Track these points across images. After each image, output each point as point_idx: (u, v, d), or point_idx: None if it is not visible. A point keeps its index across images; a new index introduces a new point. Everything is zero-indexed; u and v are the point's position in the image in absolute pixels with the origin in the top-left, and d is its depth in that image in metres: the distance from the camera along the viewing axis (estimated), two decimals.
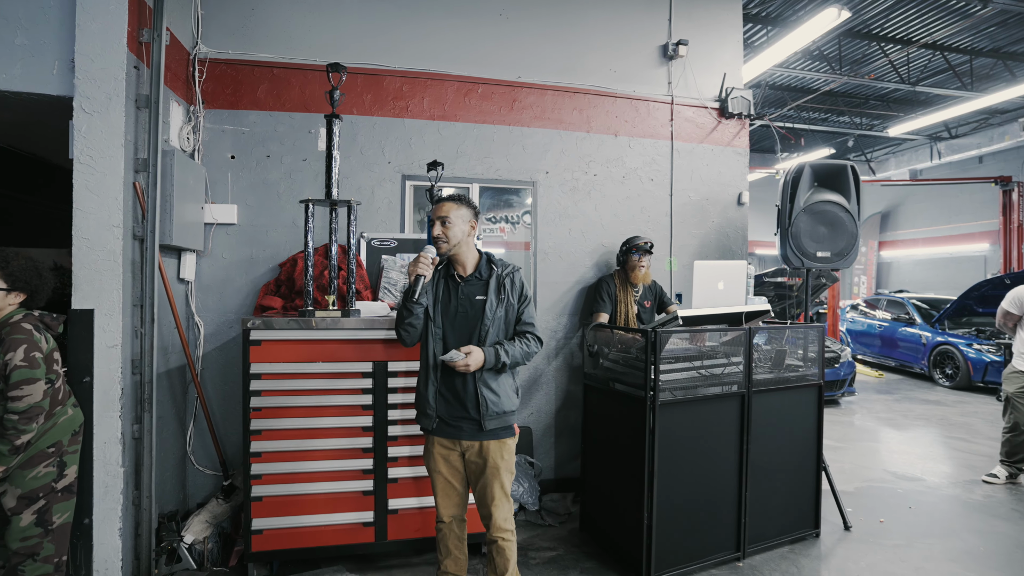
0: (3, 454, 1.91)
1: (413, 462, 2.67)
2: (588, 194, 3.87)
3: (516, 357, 2.12)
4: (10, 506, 1.98)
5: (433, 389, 2.14)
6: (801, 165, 3.42)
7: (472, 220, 2.16)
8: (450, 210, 2.11)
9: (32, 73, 2.42)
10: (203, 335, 3.16)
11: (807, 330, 3.21)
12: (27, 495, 2.00)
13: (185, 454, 3.10)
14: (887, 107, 11.77)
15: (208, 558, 2.66)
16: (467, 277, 2.17)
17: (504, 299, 2.15)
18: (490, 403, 2.10)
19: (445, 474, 2.19)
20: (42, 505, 2.03)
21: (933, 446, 4.99)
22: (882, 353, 9.13)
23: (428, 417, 2.15)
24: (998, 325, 4.10)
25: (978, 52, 9.07)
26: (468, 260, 2.17)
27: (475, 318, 2.13)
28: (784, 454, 3.01)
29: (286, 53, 3.36)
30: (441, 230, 2.11)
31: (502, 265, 2.20)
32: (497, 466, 2.14)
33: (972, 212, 14.23)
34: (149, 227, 2.55)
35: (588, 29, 3.90)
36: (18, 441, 1.92)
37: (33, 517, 2.01)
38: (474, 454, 2.15)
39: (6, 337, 1.96)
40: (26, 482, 2.00)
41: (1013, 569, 2.77)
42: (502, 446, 2.16)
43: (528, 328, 2.19)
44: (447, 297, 2.17)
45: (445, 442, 2.17)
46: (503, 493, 2.16)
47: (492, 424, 2.11)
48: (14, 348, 1.95)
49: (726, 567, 2.77)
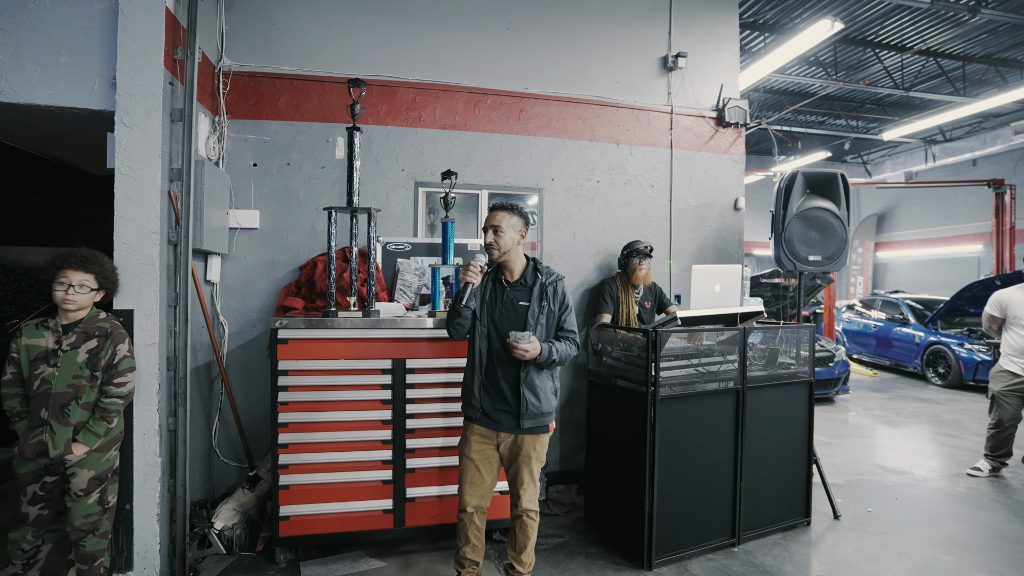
0: (98, 434, 2.18)
1: (429, 453, 2.85)
2: (591, 200, 4.05)
3: (562, 356, 2.28)
4: (81, 487, 2.17)
5: (478, 383, 2.30)
6: (794, 173, 3.60)
7: (523, 228, 2.30)
8: (502, 219, 2.25)
9: (75, 89, 2.59)
10: (227, 334, 3.34)
11: (799, 330, 3.39)
12: (99, 476, 2.21)
13: (211, 446, 3.28)
14: (882, 111, 11.97)
15: (236, 543, 2.84)
16: (514, 283, 2.32)
17: (545, 306, 2.29)
18: (530, 404, 2.25)
19: (477, 461, 2.33)
20: (105, 485, 2.24)
21: (922, 442, 5.18)
22: (877, 352, 9.32)
23: (473, 407, 2.32)
24: (985, 328, 4.29)
25: (970, 58, 9.27)
26: (516, 266, 2.32)
27: (518, 321, 2.27)
28: (777, 447, 3.19)
29: (305, 66, 3.54)
30: (493, 238, 2.25)
31: (547, 273, 2.35)
32: (529, 455, 2.30)
33: (966, 214, 14.44)
34: (183, 232, 2.72)
35: (591, 42, 4.08)
36: (112, 424, 2.20)
37: (98, 495, 2.21)
38: (508, 445, 2.32)
39: (113, 331, 2.25)
40: (100, 464, 2.21)
41: (990, 554, 2.96)
42: (536, 440, 2.32)
43: (569, 334, 2.34)
44: (494, 299, 2.32)
45: (483, 431, 2.32)
46: (531, 478, 2.33)
47: (529, 423, 2.27)
48: (122, 340, 2.27)
49: (722, 552, 2.95)
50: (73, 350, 2.16)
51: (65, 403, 2.12)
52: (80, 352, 2.16)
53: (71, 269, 2.16)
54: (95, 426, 2.16)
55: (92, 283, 2.20)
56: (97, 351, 2.19)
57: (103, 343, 2.20)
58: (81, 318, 2.21)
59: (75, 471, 2.16)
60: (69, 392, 2.13)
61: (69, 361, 2.14)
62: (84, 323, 2.20)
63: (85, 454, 2.15)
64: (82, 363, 2.16)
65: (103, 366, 2.20)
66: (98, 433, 2.17)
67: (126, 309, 2.53)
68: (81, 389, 2.15)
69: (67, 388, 2.13)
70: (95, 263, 2.20)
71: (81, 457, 2.14)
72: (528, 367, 2.24)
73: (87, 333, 2.19)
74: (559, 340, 2.31)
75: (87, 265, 2.18)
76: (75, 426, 2.14)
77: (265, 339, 3.39)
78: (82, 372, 2.15)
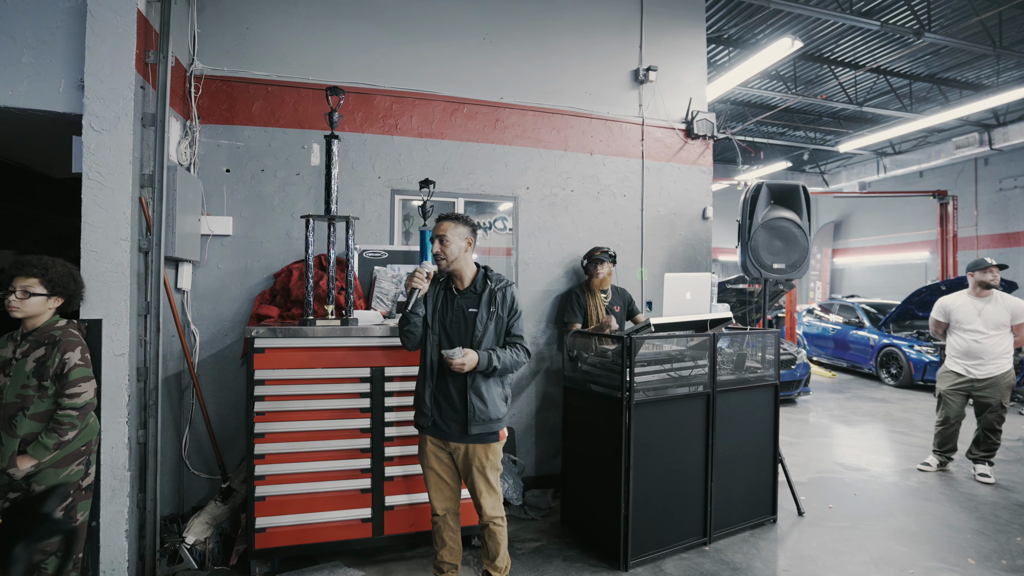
0: (47, 447, 2.05)
1: (407, 461, 2.85)
2: (565, 208, 4.13)
3: (506, 363, 2.33)
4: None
5: (429, 391, 2.34)
6: (759, 184, 3.77)
7: (469, 237, 2.37)
8: (448, 229, 2.32)
9: (38, 90, 2.51)
10: (199, 343, 3.26)
11: (764, 335, 3.55)
12: (60, 493, 2.11)
13: (181, 459, 3.19)
14: (838, 124, 12.59)
15: (209, 558, 2.77)
16: (464, 290, 2.38)
17: (494, 312, 2.35)
18: (477, 410, 2.30)
19: (437, 470, 2.39)
20: (70, 502, 2.14)
21: (878, 440, 5.46)
22: (835, 355, 9.75)
23: (424, 416, 2.36)
24: (931, 332, 4.57)
25: (916, 77, 9.86)
26: (466, 274, 2.38)
27: (468, 328, 2.33)
28: (745, 448, 3.33)
29: (280, 71, 3.51)
30: (440, 247, 2.31)
31: (496, 280, 2.41)
32: (482, 464, 2.35)
33: (914, 222, 15.28)
34: (155, 240, 2.66)
35: (565, 54, 4.18)
36: (66, 437, 2.07)
37: (61, 514, 2.12)
38: (460, 457, 2.36)
39: (62, 338, 2.12)
40: (58, 480, 2.11)
41: (938, 543, 3.16)
42: (487, 449, 2.36)
43: (517, 339, 2.40)
44: (445, 307, 2.38)
45: (436, 441, 2.37)
46: (488, 485, 2.37)
47: (477, 429, 2.31)
48: (72, 348, 2.12)
49: (694, 551, 3.05)
50: (24, 359, 2.09)
51: (12, 414, 2.05)
52: (28, 361, 2.09)
53: (16, 275, 2.10)
54: (46, 439, 2.05)
55: (37, 288, 2.11)
56: (44, 359, 2.09)
57: (51, 351, 2.10)
58: (38, 326, 2.14)
59: (34, 488, 2.08)
60: (16, 403, 2.06)
61: (19, 370, 2.08)
62: (38, 331, 2.14)
63: (33, 467, 2.04)
64: (29, 372, 2.08)
65: (51, 375, 2.09)
66: (47, 446, 2.04)
67: (94, 319, 2.45)
68: (29, 399, 2.06)
69: (15, 398, 2.06)
70: (35, 266, 2.11)
71: (27, 471, 2.03)
72: (475, 375, 2.29)
73: (38, 341, 2.12)
74: (506, 347, 2.36)
75: (26, 269, 2.10)
76: (24, 438, 2.05)
77: (238, 347, 3.33)
78: (29, 381, 2.07)
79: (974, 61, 9.14)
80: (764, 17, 7.62)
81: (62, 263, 2.21)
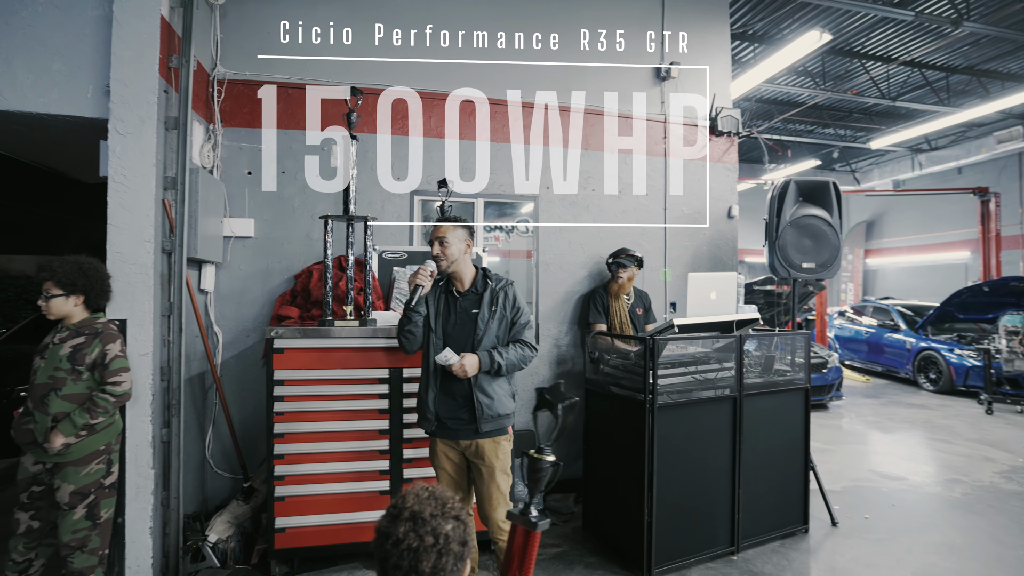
0: (76, 425, 2.11)
1: (425, 463, 2.78)
2: (587, 208, 4.06)
3: (511, 360, 2.29)
4: (64, 501, 2.13)
5: (433, 394, 2.31)
6: (787, 181, 3.64)
7: (468, 239, 2.35)
8: (446, 232, 2.31)
9: (68, 97, 2.58)
10: (222, 343, 3.30)
11: (794, 337, 3.41)
12: (80, 491, 2.15)
13: (204, 458, 3.22)
14: (870, 120, 12.16)
15: (231, 556, 2.78)
16: (464, 292, 2.36)
17: (496, 311, 2.33)
18: (484, 406, 2.27)
19: (449, 471, 2.36)
20: (92, 500, 2.18)
21: (916, 448, 5.21)
22: (868, 358, 9.39)
23: (428, 420, 2.33)
24: None
25: (954, 69, 9.46)
26: (466, 276, 2.36)
27: (471, 329, 2.31)
28: (774, 454, 3.20)
29: (300, 74, 3.54)
30: (439, 250, 2.30)
31: (496, 279, 2.39)
32: (493, 467, 2.30)
33: (953, 221, 14.65)
34: (177, 241, 2.69)
35: (587, 52, 4.11)
36: (96, 420, 2.14)
37: (84, 511, 2.16)
38: (471, 453, 2.32)
39: (104, 331, 2.24)
40: (79, 478, 2.15)
41: (987, 560, 2.97)
42: (496, 446, 2.32)
43: (522, 336, 2.36)
44: (447, 310, 2.36)
45: (447, 441, 2.34)
46: (501, 495, 2.32)
47: (487, 426, 2.28)
48: (113, 340, 2.25)
49: (721, 560, 2.94)
50: (60, 344, 2.20)
51: (44, 393, 2.14)
52: (65, 347, 2.19)
53: (42, 280, 2.22)
54: (77, 417, 2.12)
55: (54, 289, 2.20)
56: (82, 347, 2.19)
57: (91, 340, 2.21)
58: (75, 322, 2.26)
59: (58, 484, 2.13)
60: (48, 383, 2.15)
61: (53, 354, 2.19)
62: (78, 324, 2.25)
63: (63, 446, 2.09)
64: (64, 356, 2.17)
65: (88, 364, 2.19)
66: (76, 424, 2.10)
67: (119, 319, 2.50)
68: (61, 381, 2.15)
69: (47, 379, 2.16)
70: (46, 268, 2.21)
71: (59, 448, 2.09)
72: (477, 375, 2.27)
73: (78, 331, 2.23)
74: (511, 345, 2.33)
75: (43, 273, 2.22)
76: (55, 416, 2.12)
77: (259, 348, 3.36)
78: (62, 365, 2.17)
79: (1017, 51, 8.70)
80: (791, 11, 7.41)
81: (72, 260, 2.26)
